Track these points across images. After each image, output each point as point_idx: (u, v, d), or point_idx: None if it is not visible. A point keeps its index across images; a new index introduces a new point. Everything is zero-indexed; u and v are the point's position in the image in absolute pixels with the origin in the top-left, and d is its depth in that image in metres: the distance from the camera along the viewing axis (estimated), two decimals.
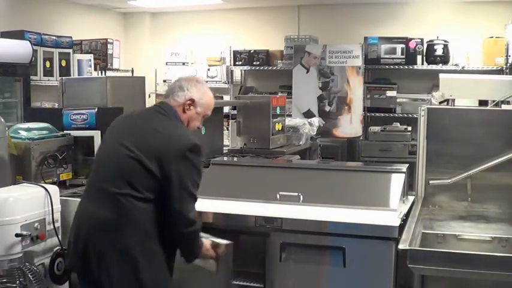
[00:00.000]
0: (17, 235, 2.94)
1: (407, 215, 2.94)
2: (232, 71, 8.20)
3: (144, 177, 2.50)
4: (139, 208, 2.50)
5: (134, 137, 2.61)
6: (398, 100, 7.32)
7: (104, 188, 2.56)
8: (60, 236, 3.24)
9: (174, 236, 2.59)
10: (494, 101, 3.51)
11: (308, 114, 7.14)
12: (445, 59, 7.08)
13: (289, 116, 6.32)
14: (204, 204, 3.15)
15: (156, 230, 2.54)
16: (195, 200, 2.62)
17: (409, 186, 3.35)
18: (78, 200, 3.47)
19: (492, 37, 6.94)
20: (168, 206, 2.52)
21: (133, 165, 2.52)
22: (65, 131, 4.09)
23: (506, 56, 6.72)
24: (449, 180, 3.27)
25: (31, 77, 6.36)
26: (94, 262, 2.50)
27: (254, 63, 7.95)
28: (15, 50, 5.91)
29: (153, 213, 2.53)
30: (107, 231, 2.50)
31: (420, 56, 7.24)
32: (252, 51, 7.97)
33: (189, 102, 2.73)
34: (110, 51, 7.77)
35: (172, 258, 2.69)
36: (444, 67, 7.00)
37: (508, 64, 6.71)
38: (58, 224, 3.24)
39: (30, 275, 3.05)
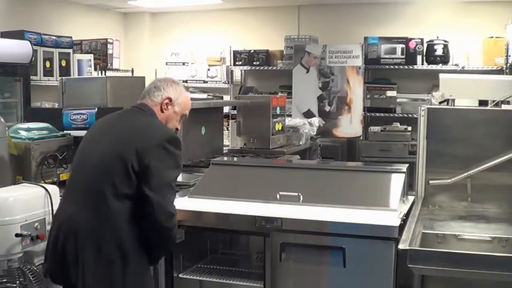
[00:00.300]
0: (17, 235, 2.94)
1: (407, 215, 2.94)
2: (232, 71, 8.20)
3: (123, 172, 2.48)
4: (116, 206, 2.48)
5: (112, 134, 2.62)
6: (398, 100, 7.32)
7: (81, 188, 2.56)
8: None
9: (150, 231, 2.54)
10: (494, 101, 3.50)
11: (308, 114, 7.14)
12: (445, 59, 7.09)
13: (289, 116, 6.31)
14: (204, 204, 3.15)
15: (133, 230, 2.51)
16: (174, 193, 2.63)
17: (409, 186, 3.35)
18: None
19: (492, 37, 6.95)
20: (146, 199, 2.48)
21: (111, 161, 2.51)
22: (65, 131, 4.09)
23: (506, 56, 6.73)
24: (449, 180, 3.27)
25: (31, 77, 6.37)
26: (71, 264, 2.48)
27: (254, 63, 7.95)
28: (15, 50, 5.91)
29: (131, 212, 2.51)
30: (84, 231, 2.48)
31: (420, 56, 7.25)
32: (252, 51, 7.97)
33: (166, 101, 2.74)
34: (110, 51, 7.77)
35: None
36: (444, 67, 7.01)
37: (508, 64, 6.71)
38: None
39: (30, 275, 3.05)
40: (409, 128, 7.00)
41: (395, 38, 7.33)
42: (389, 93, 7.33)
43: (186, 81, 8.29)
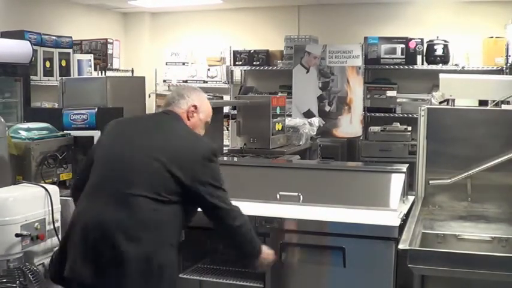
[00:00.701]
0: (17, 235, 2.94)
1: (407, 215, 2.94)
2: (232, 71, 8.20)
3: (168, 180, 2.45)
4: (159, 212, 2.43)
5: (155, 141, 2.55)
6: (398, 100, 7.32)
7: (117, 191, 2.45)
8: (60, 236, 3.24)
9: (226, 236, 2.67)
10: (494, 101, 3.50)
11: (308, 114, 7.14)
12: (445, 59, 7.09)
13: (289, 116, 6.32)
14: None
15: (174, 237, 2.52)
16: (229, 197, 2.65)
17: (409, 186, 3.35)
18: None
19: (492, 37, 6.95)
20: (209, 209, 2.55)
21: (151, 167, 2.45)
22: (65, 131, 4.09)
23: (506, 56, 6.73)
24: (449, 180, 3.27)
25: (31, 77, 6.37)
26: (102, 268, 2.37)
27: (254, 63, 7.95)
28: (15, 50, 5.91)
29: (174, 219, 2.50)
30: (123, 233, 2.38)
31: (420, 56, 7.25)
32: (252, 51, 7.97)
33: (192, 109, 2.71)
34: (110, 51, 7.77)
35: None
36: (444, 67, 7.01)
37: (508, 64, 6.71)
38: (58, 224, 3.23)
39: (30, 275, 3.05)
40: (409, 128, 7.00)
41: (395, 38, 7.33)
42: (389, 93, 7.33)
43: (186, 81, 8.30)
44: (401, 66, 7.29)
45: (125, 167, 2.50)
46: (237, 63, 8.07)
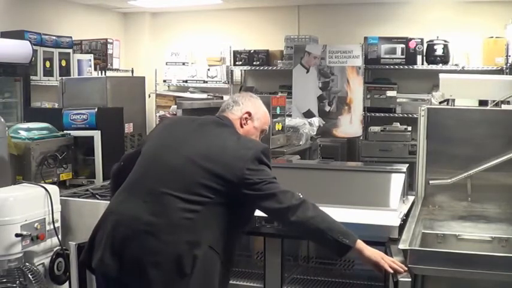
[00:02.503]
0: (17, 235, 2.94)
1: (407, 215, 2.94)
2: (232, 71, 8.20)
3: (208, 182, 2.38)
4: (188, 213, 2.35)
5: (198, 141, 2.51)
6: (398, 100, 7.32)
7: (153, 189, 2.41)
8: (60, 236, 3.24)
9: (294, 231, 2.60)
10: (494, 101, 3.50)
11: (308, 114, 7.14)
12: (445, 59, 7.09)
13: (289, 116, 6.31)
14: None
15: (215, 240, 2.39)
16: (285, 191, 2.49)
17: (409, 186, 3.35)
18: (78, 200, 3.50)
19: (492, 37, 6.94)
20: (268, 211, 2.46)
21: (195, 171, 2.40)
22: (65, 131, 4.09)
23: (506, 56, 6.73)
24: (449, 180, 3.27)
25: (31, 77, 6.37)
26: (131, 263, 2.33)
27: (254, 63, 7.96)
28: (15, 50, 5.91)
29: (214, 221, 2.39)
30: (151, 232, 2.33)
31: (420, 56, 7.25)
32: (252, 51, 7.97)
33: (245, 116, 2.66)
34: (110, 51, 7.77)
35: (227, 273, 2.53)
36: (444, 67, 7.01)
37: (508, 64, 6.71)
38: (58, 224, 3.24)
39: (30, 275, 3.05)
40: (409, 128, 7.00)
41: (395, 38, 7.33)
42: (389, 93, 7.33)
43: (186, 81, 8.30)
44: (401, 66, 7.29)
45: (165, 168, 2.45)
46: (237, 63, 8.07)
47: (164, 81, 8.45)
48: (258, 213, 2.95)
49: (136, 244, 2.32)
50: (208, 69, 8.23)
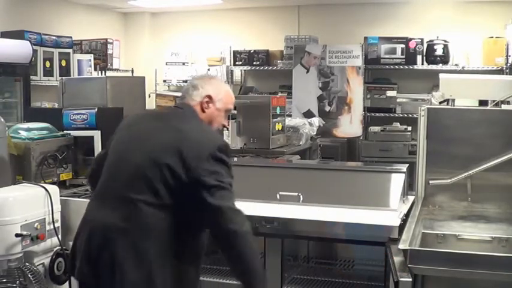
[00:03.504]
0: (17, 235, 2.94)
1: (407, 215, 2.94)
2: (232, 71, 8.20)
3: (169, 181, 2.32)
4: (158, 216, 2.31)
5: (157, 139, 2.42)
6: (398, 100, 7.33)
7: (121, 194, 2.37)
8: (60, 236, 3.24)
9: (223, 242, 2.32)
10: (494, 101, 3.50)
11: (308, 114, 7.14)
12: (445, 59, 7.09)
13: (289, 116, 6.32)
14: None
15: (175, 242, 2.34)
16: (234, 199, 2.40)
17: (409, 186, 3.35)
18: (78, 200, 3.51)
19: (492, 37, 6.94)
20: (209, 211, 2.30)
21: (153, 169, 2.33)
22: (65, 131, 4.09)
23: (506, 56, 6.73)
24: (449, 180, 3.26)
25: (31, 77, 6.37)
26: (106, 271, 2.31)
27: (254, 63, 7.96)
28: (15, 50, 5.91)
29: (174, 223, 2.33)
30: (123, 239, 2.31)
31: (420, 56, 7.25)
32: (252, 51, 7.97)
33: (206, 99, 2.56)
34: (110, 51, 7.77)
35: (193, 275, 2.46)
36: (444, 67, 7.01)
37: (508, 64, 6.71)
38: (58, 224, 3.24)
39: (30, 275, 3.05)
40: (409, 128, 7.00)
41: (395, 38, 7.33)
42: (389, 93, 7.33)
43: (186, 81, 8.28)
44: (401, 66, 7.29)
45: (128, 169, 2.41)
46: (237, 63, 8.07)
47: (164, 81, 8.45)
48: (258, 213, 2.96)
49: (110, 252, 2.30)
50: (208, 69, 8.22)
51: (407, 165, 3.37)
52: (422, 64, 7.25)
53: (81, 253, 2.39)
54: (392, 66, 7.33)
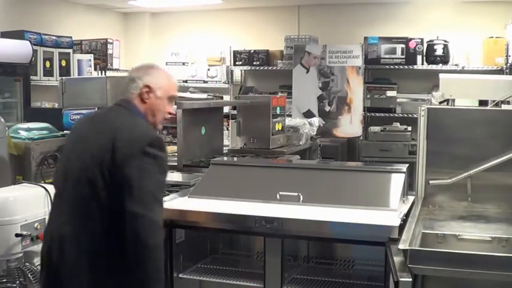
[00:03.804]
0: (17, 235, 2.94)
1: (407, 215, 2.94)
2: (232, 71, 8.20)
3: (108, 183, 2.26)
4: (103, 219, 2.27)
5: (93, 141, 2.37)
6: (398, 100, 7.33)
7: (70, 198, 2.35)
8: None
9: (130, 251, 2.19)
10: (494, 101, 3.50)
11: (308, 114, 7.14)
12: (445, 59, 7.09)
13: (289, 116, 6.32)
14: (204, 204, 3.15)
15: (121, 243, 2.24)
16: (161, 205, 2.30)
17: (409, 186, 3.35)
18: None
19: (492, 37, 6.95)
20: (128, 213, 2.19)
21: (97, 171, 2.28)
22: (65, 131, 4.09)
23: (506, 56, 6.73)
24: (449, 180, 3.26)
25: (31, 77, 6.37)
26: (65, 283, 2.30)
27: (254, 63, 7.96)
28: (15, 50, 5.92)
29: (113, 227, 2.25)
30: (75, 247, 2.28)
31: (420, 56, 7.25)
32: (252, 51, 7.97)
33: (145, 90, 2.47)
34: (110, 51, 7.77)
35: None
36: (444, 67, 7.01)
37: (508, 64, 6.71)
38: None
39: (30, 275, 3.05)
40: (409, 128, 7.00)
41: (395, 38, 7.33)
42: (389, 93, 7.33)
43: (186, 81, 8.30)
44: (401, 66, 7.29)
45: (73, 174, 2.36)
46: (237, 63, 8.07)
47: None
48: (258, 213, 2.96)
49: (66, 262, 2.28)
50: (208, 69, 8.23)
51: (407, 165, 3.37)
52: (422, 64, 7.25)
53: (43, 264, 2.39)
54: (392, 66, 7.34)
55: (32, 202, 3.09)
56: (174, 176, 4.04)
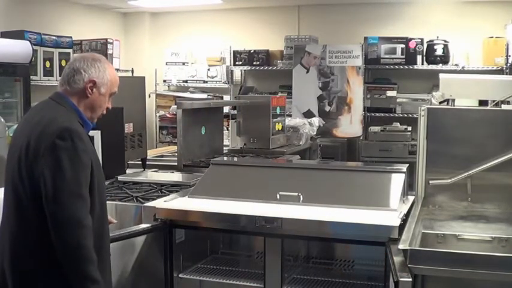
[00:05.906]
0: None
1: (407, 215, 2.94)
2: (232, 71, 8.20)
3: (27, 184, 2.17)
4: (27, 224, 2.18)
5: (20, 139, 2.26)
6: (398, 100, 7.33)
7: (7, 204, 2.27)
8: None
9: (58, 253, 2.11)
10: (494, 101, 3.50)
11: (308, 114, 7.14)
12: (445, 59, 7.09)
13: (289, 116, 6.32)
14: (204, 204, 3.15)
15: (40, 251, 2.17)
16: (82, 199, 2.14)
17: (409, 186, 3.35)
18: None
19: (492, 37, 6.95)
20: (47, 214, 2.11)
21: (14, 174, 2.21)
22: None
23: (506, 56, 6.73)
24: (449, 180, 3.27)
25: (31, 77, 6.36)
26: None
27: (254, 63, 7.96)
28: (15, 50, 5.91)
29: (44, 232, 2.14)
30: (8, 253, 2.22)
31: (420, 56, 7.25)
32: (252, 51, 7.97)
33: (90, 85, 2.34)
34: (110, 51, 7.77)
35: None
36: (444, 67, 7.01)
37: (508, 64, 6.71)
38: None
39: None
40: (409, 128, 7.00)
41: (395, 38, 7.33)
42: (389, 93, 7.33)
43: (186, 81, 8.31)
44: (401, 66, 7.29)
45: (7, 177, 2.27)
46: (237, 63, 8.07)
47: (164, 81, 8.45)
48: (258, 213, 2.96)
49: (11, 270, 2.22)
50: (208, 69, 8.23)
51: (407, 165, 3.37)
52: (422, 64, 7.25)
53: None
54: (392, 66, 7.33)
55: None
56: (174, 176, 4.04)
